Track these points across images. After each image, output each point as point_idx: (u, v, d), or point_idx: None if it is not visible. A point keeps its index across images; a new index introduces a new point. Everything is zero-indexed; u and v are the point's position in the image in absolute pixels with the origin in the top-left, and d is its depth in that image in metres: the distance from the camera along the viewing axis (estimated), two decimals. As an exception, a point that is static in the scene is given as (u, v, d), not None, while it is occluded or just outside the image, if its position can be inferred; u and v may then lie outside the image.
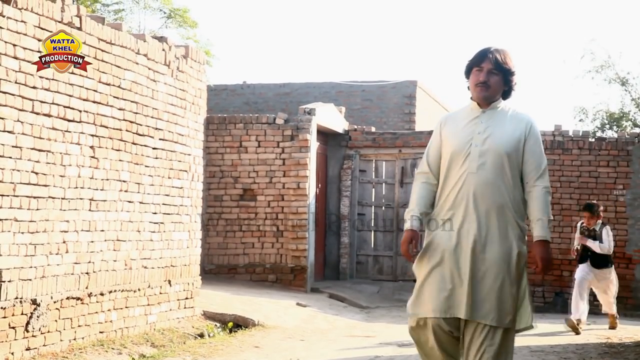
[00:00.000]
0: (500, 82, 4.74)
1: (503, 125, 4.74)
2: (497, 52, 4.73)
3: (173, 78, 9.56)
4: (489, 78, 4.71)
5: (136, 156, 8.74)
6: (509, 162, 4.67)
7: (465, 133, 4.75)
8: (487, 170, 4.64)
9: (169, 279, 9.44)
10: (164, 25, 20.98)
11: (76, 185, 7.73)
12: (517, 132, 4.72)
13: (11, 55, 6.84)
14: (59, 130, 7.47)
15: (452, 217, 4.69)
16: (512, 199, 4.66)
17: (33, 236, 7.16)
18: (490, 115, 4.77)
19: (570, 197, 14.45)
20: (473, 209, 4.64)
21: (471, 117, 4.80)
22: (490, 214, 4.62)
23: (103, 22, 8.19)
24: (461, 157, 4.70)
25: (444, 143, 4.83)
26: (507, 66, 4.73)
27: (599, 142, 14.57)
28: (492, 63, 4.69)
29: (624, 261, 14.18)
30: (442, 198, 4.77)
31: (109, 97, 8.23)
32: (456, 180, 4.70)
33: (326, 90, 20.21)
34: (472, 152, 4.69)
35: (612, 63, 23.93)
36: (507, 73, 4.74)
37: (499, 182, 4.64)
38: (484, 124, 4.74)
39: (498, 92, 4.77)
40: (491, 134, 4.70)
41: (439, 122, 4.96)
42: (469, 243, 4.62)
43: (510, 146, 4.68)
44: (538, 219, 4.67)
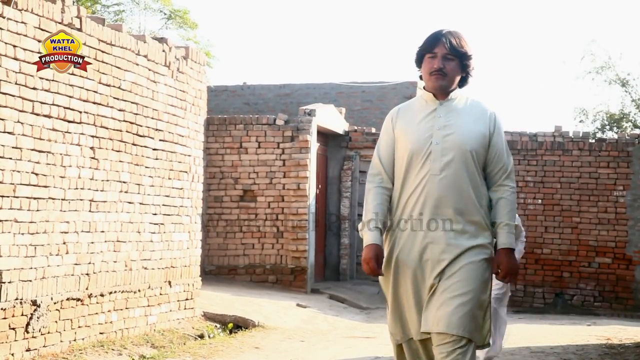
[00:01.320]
0: (457, 68, 4.23)
1: (464, 119, 4.25)
2: (451, 35, 4.22)
3: (173, 79, 9.57)
4: (444, 64, 4.19)
5: (136, 157, 8.74)
6: (474, 160, 4.20)
7: (423, 129, 4.23)
8: (451, 171, 4.16)
9: (169, 280, 9.45)
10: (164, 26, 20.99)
11: (76, 186, 7.74)
12: (480, 126, 4.24)
13: (11, 56, 6.85)
14: (59, 131, 7.47)
15: (414, 225, 4.21)
16: (479, 201, 4.21)
17: (33, 237, 7.17)
18: (448, 108, 4.26)
19: (571, 198, 14.46)
20: (437, 215, 4.17)
21: (428, 111, 4.28)
22: (457, 219, 4.15)
23: (103, 23, 8.20)
24: (421, 158, 4.20)
25: (398, 140, 4.30)
26: (463, 49, 4.21)
27: (599, 143, 14.57)
28: (447, 47, 4.18)
29: (624, 262, 14.19)
30: (402, 203, 4.26)
31: (109, 98, 8.23)
32: (417, 183, 4.20)
33: (326, 91, 20.21)
34: (432, 151, 4.18)
35: (612, 64, 23.91)
36: (464, 57, 4.22)
37: (465, 184, 4.17)
38: (443, 118, 4.23)
39: (455, 80, 4.26)
40: (453, 130, 4.20)
41: (389, 116, 4.41)
42: (435, 253, 4.15)
43: (475, 142, 4.20)
44: (505, 224, 4.22)
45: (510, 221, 4.21)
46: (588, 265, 14.30)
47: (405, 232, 4.23)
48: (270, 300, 11.96)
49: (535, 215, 14.48)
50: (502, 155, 4.27)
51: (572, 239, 14.40)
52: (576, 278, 14.35)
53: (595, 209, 14.33)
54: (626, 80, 23.96)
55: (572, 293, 14.35)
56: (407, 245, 4.21)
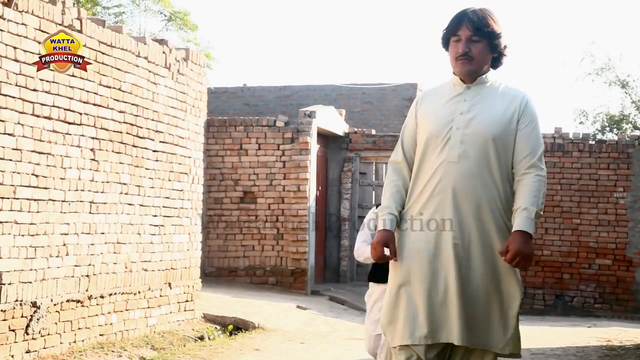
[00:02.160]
0: (485, 49, 3.89)
1: (492, 104, 3.90)
2: (476, 14, 3.87)
3: (173, 81, 9.57)
4: (470, 47, 3.86)
5: (136, 159, 8.74)
6: (498, 149, 3.83)
7: (444, 113, 3.91)
8: (470, 159, 3.81)
9: (169, 282, 9.44)
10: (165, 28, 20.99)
11: (76, 188, 7.73)
12: (508, 111, 3.88)
13: (12, 57, 6.85)
14: (59, 133, 7.47)
15: (428, 217, 3.88)
16: (502, 194, 3.83)
17: (33, 239, 7.16)
18: (476, 92, 3.92)
19: (571, 199, 14.46)
20: (453, 208, 3.81)
21: (453, 94, 3.96)
22: (474, 213, 3.80)
23: (104, 25, 8.20)
24: (439, 143, 3.87)
25: (420, 125, 3.99)
26: (490, 28, 3.86)
27: (599, 145, 14.57)
28: (471, 29, 3.85)
29: (624, 264, 14.18)
30: (416, 193, 3.94)
31: (109, 99, 8.23)
32: (433, 171, 3.87)
33: (326, 92, 20.23)
34: (452, 136, 3.85)
35: (612, 65, 23.91)
36: (492, 36, 3.87)
37: (485, 174, 3.81)
38: (468, 102, 3.90)
39: (485, 63, 3.92)
40: (476, 115, 3.86)
41: (415, 101, 4.12)
42: (449, 251, 3.81)
43: (500, 129, 3.84)
44: (523, 208, 3.77)
45: (530, 205, 3.75)
46: (588, 267, 14.30)
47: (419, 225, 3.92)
48: (271, 302, 11.96)
49: (536, 217, 14.46)
50: (531, 142, 3.86)
51: (572, 240, 14.40)
52: (576, 280, 14.34)
53: (595, 211, 14.33)
54: (626, 82, 23.97)
55: (572, 295, 14.35)
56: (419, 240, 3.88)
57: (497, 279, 3.83)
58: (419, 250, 3.86)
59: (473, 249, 3.80)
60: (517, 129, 3.87)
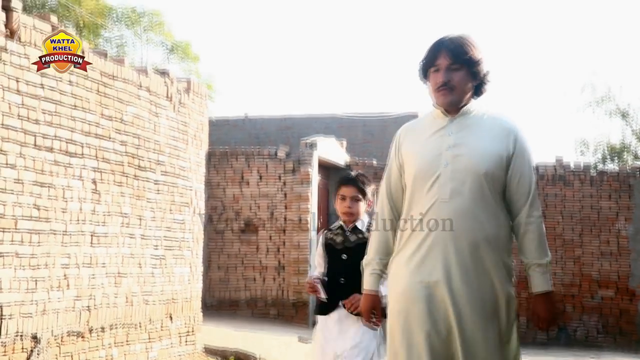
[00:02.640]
0: (466, 77, 3.65)
1: (480, 137, 3.66)
2: (453, 42, 3.66)
3: (175, 112, 9.57)
4: (450, 76, 3.63)
5: (138, 190, 8.72)
6: (490, 183, 3.61)
7: (430, 149, 3.67)
8: (463, 197, 3.59)
9: (170, 314, 9.38)
10: (166, 59, 21.07)
11: (78, 220, 7.70)
12: (498, 144, 3.65)
13: (14, 89, 6.85)
14: (60, 165, 7.46)
15: (419, 261, 3.63)
16: (495, 231, 3.62)
17: (34, 271, 7.12)
18: (461, 124, 3.69)
19: (572, 230, 14.42)
20: (446, 249, 3.58)
21: (436, 128, 3.72)
22: (469, 253, 3.58)
23: (106, 57, 8.21)
24: (428, 181, 3.64)
25: (405, 164, 3.76)
26: (469, 55, 3.64)
27: (601, 175, 14.56)
28: (450, 57, 3.62)
29: (627, 295, 14.11)
30: (405, 235, 3.71)
31: (111, 130, 8.23)
32: (424, 211, 3.64)
33: (327, 123, 20.26)
34: (442, 173, 3.62)
35: (612, 96, 23.95)
36: (472, 63, 3.65)
37: (479, 211, 3.59)
38: (454, 136, 3.66)
39: (467, 91, 3.68)
40: (465, 150, 3.63)
41: (396, 137, 3.87)
42: (445, 295, 3.56)
43: (491, 164, 3.61)
44: (536, 265, 3.66)
45: (542, 259, 3.65)
46: (591, 298, 14.22)
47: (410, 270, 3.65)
48: (272, 334, 11.88)
49: (538, 248, 14.41)
50: (524, 180, 3.67)
51: (575, 271, 14.34)
52: (579, 311, 14.26)
53: (597, 242, 14.29)
54: (626, 112, 23.99)
55: (575, 326, 14.26)
56: (413, 286, 3.62)
57: (498, 318, 3.61)
58: (412, 300, 3.61)
59: (470, 290, 3.55)
60: (511, 164, 3.67)
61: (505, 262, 3.65)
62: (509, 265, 3.66)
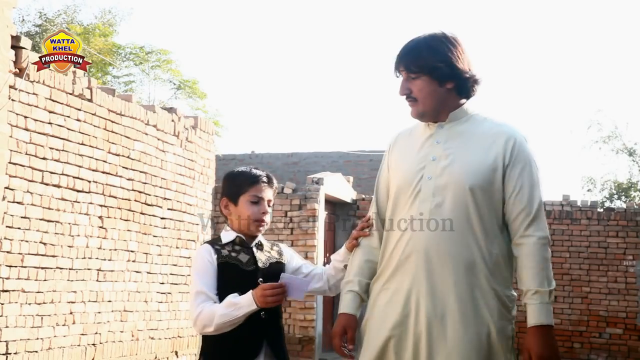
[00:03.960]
0: (429, 84, 3.16)
1: (470, 145, 3.18)
2: (407, 50, 3.22)
3: (182, 148, 9.62)
4: (409, 88, 3.19)
5: (144, 226, 8.75)
6: (479, 200, 3.11)
7: (415, 160, 3.22)
8: (446, 214, 3.12)
9: (176, 350, 9.36)
10: (174, 96, 21.22)
11: (84, 256, 7.73)
12: (492, 153, 3.14)
13: (22, 127, 6.91)
14: (67, 201, 7.50)
15: (396, 288, 3.18)
16: (486, 255, 3.10)
17: (40, 307, 7.13)
18: (450, 132, 3.21)
19: (580, 267, 14.36)
20: (424, 273, 3.10)
21: (426, 136, 3.26)
22: (451, 279, 3.08)
23: (113, 94, 8.29)
24: (408, 197, 3.19)
25: (391, 174, 3.33)
26: (424, 61, 3.15)
27: (608, 213, 14.53)
28: (404, 67, 3.20)
29: (636, 333, 14.02)
30: (386, 255, 3.24)
31: (118, 167, 8.28)
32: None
33: (334, 159, 20.30)
34: (422, 188, 3.16)
35: (619, 133, 24.02)
36: (431, 69, 3.15)
37: (464, 232, 3.09)
38: (442, 145, 3.20)
39: (438, 99, 3.18)
40: (453, 161, 3.15)
41: (388, 143, 3.45)
42: (419, 326, 3.10)
43: (481, 176, 3.11)
44: (534, 292, 3.06)
45: (541, 287, 3.04)
46: (599, 336, 14.14)
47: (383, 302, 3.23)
48: (278, 371, 11.83)
49: (545, 285, 14.37)
50: (524, 194, 3.13)
51: (582, 309, 14.26)
52: (587, 349, 14.17)
53: (605, 279, 14.22)
54: (633, 150, 24.04)
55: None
56: (386, 314, 3.20)
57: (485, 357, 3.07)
58: (385, 330, 3.20)
59: (450, 322, 3.06)
60: (505, 176, 3.14)
61: (498, 291, 3.11)
62: (504, 296, 3.12)
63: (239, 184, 3.45)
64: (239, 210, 3.46)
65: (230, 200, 3.47)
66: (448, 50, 3.17)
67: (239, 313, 3.28)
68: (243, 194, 3.44)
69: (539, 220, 3.12)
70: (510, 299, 3.15)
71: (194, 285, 3.35)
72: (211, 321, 3.28)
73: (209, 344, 3.39)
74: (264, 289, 3.24)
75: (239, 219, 3.46)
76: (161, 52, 21.85)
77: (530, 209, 3.11)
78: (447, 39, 3.21)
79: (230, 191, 3.46)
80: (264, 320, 3.37)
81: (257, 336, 3.36)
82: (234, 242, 3.45)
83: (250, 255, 3.47)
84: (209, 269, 3.36)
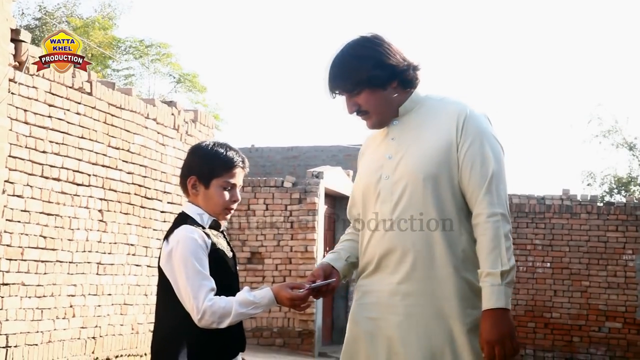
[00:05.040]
0: (373, 93, 3.03)
1: (423, 134, 3.03)
2: (338, 74, 3.06)
3: (182, 142, 9.62)
4: (356, 105, 3.07)
5: (144, 220, 8.75)
6: (437, 189, 2.96)
7: (375, 160, 3.14)
8: (406, 213, 2.98)
9: (175, 344, 9.36)
10: (174, 89, 21.21)
11: (84, 249, 7.73)
12: (442, 137, 2.99)
13: (22, 120, 6.90)
14: (67, 194, 7.50)
15: (368, 288, 3.10)
16: (451, 246, 2.97)
17: (40, 300, 7.14)
18: (403, 126, 3.09)
19: (579, 261, 14.37)
20: (386, 274, 3.02)
21: (383, 135, 3.15)
22: (420, 276, 2.96)
23: (113, 87, 8.28)
24: (372, 199, 3.09)
25: (357, 178, 3.30)
26: (360, 73, 3.00)
27: (608, 207, 14.54)
28: (343, 89, 3.06)
29: (635, 327, 14.04)
30: (361, 260, 3.17)
31: (118, 161, 8.28)
32: (370, 234, 3.09)
33: (334, 153, 20.30)
34: (382, 188, 3.05)
35: (619, 128, 24.04)
36: (370, 78, 3.00)
37: (423, 227, 2.97)
38: (397, 140, 3.07)
39: (388, 102, 3.05)
40: (405, 154, 3.02)
41: (361, 149, 3.39)
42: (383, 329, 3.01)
43: (434, 163, 2.96)
44: (485, 274, 2.89)
45: (492, 268, 2.86)
46: (598, 330, 14.16)
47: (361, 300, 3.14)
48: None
49: (544, 279, 14.39)
50: (476, 169, 2.94)
51: (582, 303, 14.28)
52: (586, 343, 14.19)
53: (604, 273, 14.24)
54: (633, 144, 24.04)
55: (582, 358, 14.18)
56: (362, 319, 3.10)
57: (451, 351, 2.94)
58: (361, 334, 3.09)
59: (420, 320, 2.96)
60: (460, 151, 2.97)
61: (468, 279, 2.97)
62: (476, 284, 2.96)
63: (213, 167, 3.13)
64: (209, 194, 3.14)
65: (200, 180, 3.15)
66: (376, 53, 3.02)
67: (256, 312, 3.01)
68: (216, 178, 3.13)
69: (491, 195, 2.92)
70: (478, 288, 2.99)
71: (193, 273, 2.99)
72: (223, 318, 2.95)
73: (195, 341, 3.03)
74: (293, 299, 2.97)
75: (207, 202, 3.15)
76: (161, 46, 21.83)
77: (482, 184, 2.94)
78: (369, 42, 3.05)
79: (201, 171, 3.14)
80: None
81: (242, 329, 3.15)
82: (210, 225, 3.17)
83: (225, 241, 3.24)
84: (203, 255, 3.05)
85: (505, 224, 2.91)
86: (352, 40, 3.08)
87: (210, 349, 3.02)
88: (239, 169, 3.17)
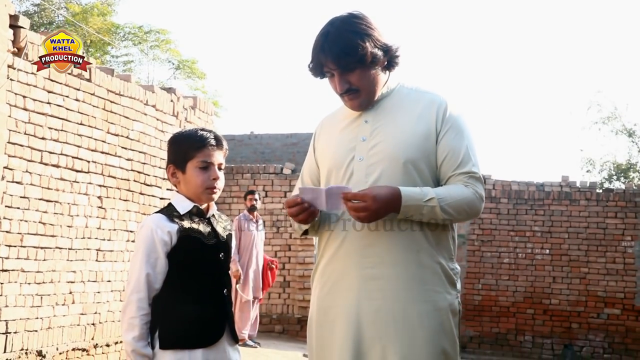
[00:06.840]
0: (366, 72, 3.00)
1: (400, 118, 3.03)
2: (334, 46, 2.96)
3: (181, 129, 9.61)
4: (348, 82, 3.01)
5: (144, 206, 8.75)
6: (416, 175, 2.97)
7: (344, 142, 3.08)
8: None
9: (175, 330, 9.38)
10: (173, 76, 21.17)
11: (83, 236, 7.74)
12: (421, 124, 2.99)
13: (21, 106, 6.90)
14: (67, 181, 7.50)
15: (332, 278, 3.04)
16: (427, 229, 2.96)
17: (39, 287, 7.15)
18: (379, 108, 3.08)
19: (579, 248, 14.39)
20: (357, 262, 2.97)
21: (353, 117, 3.12)
22: (393, 264, 2.93)
23: (112, 74, 8.27)
24: (341, 178, 3.04)
25: (319, 161, 3.21)
26: (357, 55, 2.95)
27: (607, 194, 14.54)
28: (337, 65, 2.98)
29: (634, 313, 14.07)
30: (321, 245, 3.11)
31: (117, 147, 8.27)
32: (337, 217, 3.04)
33: (333, 140, 20.29)
34: (355, 170, 3.01)
35: (618, 114, 24.01)
36: (365, 60, 2.95)
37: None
38: (371, 123, 3.05)
39: (376, 82, 3.04)
40: (382, 138, 3.00)
41: (315, 130, 3.32)
42: (345, 323, 2.96)
43: (414, 149, 2.96)
44: (435, 195, 2.91)
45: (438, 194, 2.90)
46: (597, 316, 14.19)
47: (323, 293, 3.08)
48: (277, 350, 11.87)
49: (543, 266, 14.41)
50: (453, 155, 2.98)
51: (581, 289, 14.30)
52: (585, 329, 14.22)
53: (603, 260, 14.26)
54: (633, 131, 24.03)
55: (581, 344, 14.22)
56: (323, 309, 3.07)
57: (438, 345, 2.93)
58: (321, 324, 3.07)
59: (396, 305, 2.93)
60: (439, 141, 2.99)
61: (447, 268, 2.99)
62: (449, 270, 3.00)
63: (185, 150, 3.14)
64: (187, 178, 3.15)
65: (177, 167, 3.18)
66: (371, 30, 2.99)
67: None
68: (190, 160, 3.14)
69: (473, 178, 2.97)
70: (455, 272, 3.03)
71: (138, 267, 3.01)
72: (127, 331, 3.00)
73: (168, 327, 3.03)
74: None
75: (188, 186, 3.15)
76: (160, 32, 21.78)
77: (462, 166, 2.97)
78: (360, 19, 3.01)
79: (176, 157, 3.17)
80: (226, 301, 3.16)
81: (221, 317, 3.13)
82: (191, 212, 3.14)
83: (210, 227, 3.17)
84: (158, 249, 3.03)
85: (477, 203, 2.97)
86: (341, 17, 3.03)
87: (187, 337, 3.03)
88: (212, 147, 3.15)
